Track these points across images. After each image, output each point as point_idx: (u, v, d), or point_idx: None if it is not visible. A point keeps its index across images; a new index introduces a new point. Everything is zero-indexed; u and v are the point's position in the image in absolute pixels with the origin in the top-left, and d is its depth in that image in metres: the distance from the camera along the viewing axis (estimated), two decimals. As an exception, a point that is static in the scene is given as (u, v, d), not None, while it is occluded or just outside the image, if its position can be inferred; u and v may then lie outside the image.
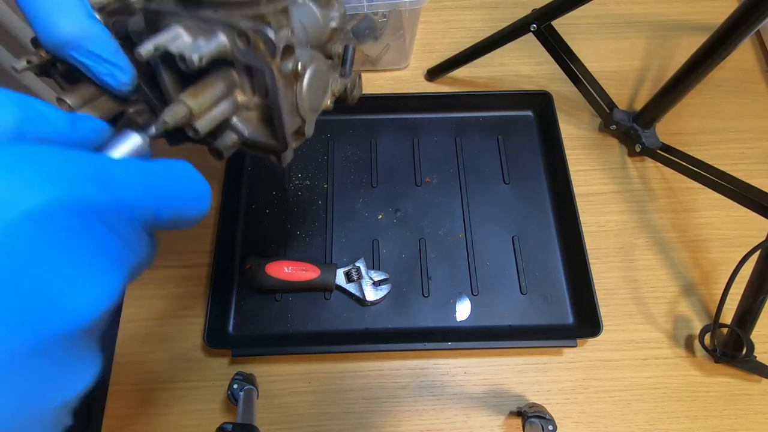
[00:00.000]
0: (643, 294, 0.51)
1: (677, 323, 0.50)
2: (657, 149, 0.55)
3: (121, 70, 0.21)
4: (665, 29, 0.67)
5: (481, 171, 0.57)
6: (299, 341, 0.48)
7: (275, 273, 0.48)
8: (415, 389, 0.47)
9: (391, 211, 0.55)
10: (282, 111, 0.24)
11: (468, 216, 0.54)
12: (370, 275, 0.49)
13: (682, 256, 0.53)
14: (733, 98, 0.62)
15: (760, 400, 0.47)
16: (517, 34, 0.54)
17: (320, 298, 0.50)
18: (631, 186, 0.57)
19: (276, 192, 0.55)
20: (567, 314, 0.50)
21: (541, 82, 0.63)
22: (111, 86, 0.22)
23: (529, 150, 0.58)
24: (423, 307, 0.50)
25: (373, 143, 0.58)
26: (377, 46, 0.61)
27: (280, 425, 0.46)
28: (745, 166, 0.57)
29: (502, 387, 0.48)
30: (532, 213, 0.55)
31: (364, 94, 0.59)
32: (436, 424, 0.46)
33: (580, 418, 0.46)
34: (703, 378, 0.48)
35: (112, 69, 0.21)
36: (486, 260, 0.52)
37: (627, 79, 0.63)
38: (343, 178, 0.56)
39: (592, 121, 0.61)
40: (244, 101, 0.24)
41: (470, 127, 0.59)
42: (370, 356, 0.48)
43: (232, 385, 0.43)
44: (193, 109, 0.22)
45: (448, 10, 0.68)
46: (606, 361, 0.49)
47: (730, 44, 0.44)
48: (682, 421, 0.46)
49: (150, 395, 0.47)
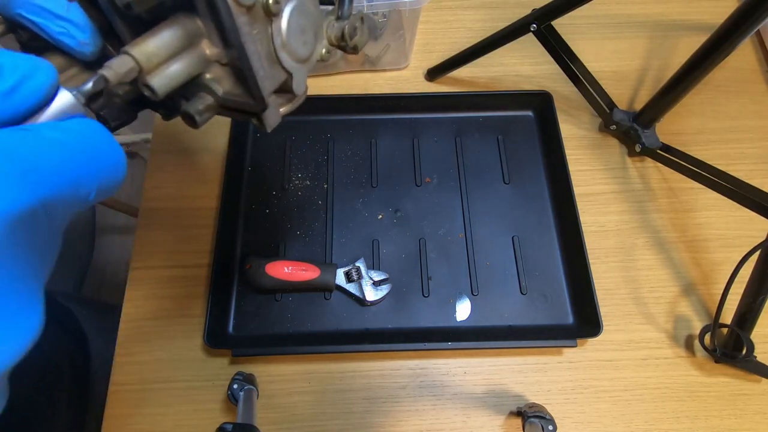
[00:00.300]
0: (643, 294, 0.52)
1: (677, 323, 0.50)
2: (657, 149, 0.55)
3: (77, 27, 0.19)
4: (665, 29, 0.67)
5: (481, 171, 0.57)
6: (299, 341, 0.48)
7: (275, 273, 0.48)
8: (415, 389, 0.47)
9: (391, 211, 0.55)
10: (251, 58, 0.19)
11: (468, 216, 0.54)
12: (370, 275, 0.49)
13: (682, 256, 0.53)
14: (733, 98, 0.62)
15: (760, 400, 0.47)
16: (517, 34, 0.54)
17: (320, 298, 0.50)
18: (631, 186, 0.57)
19: (276, 192, 0.55)
20: (567, 314, 0.50)
21: (541, 82, 0.63)
22: (71, 48, 0.19)
23: (529, 150, 0.58)
24: (423, 307, 0.50)
25: (373, 143, 0.58)
26: (377, 46, 0.61)
27: (280, 425, 0.46)
28: (745, 166, 0.57)
29: (502, 387, 0.48)
30: (532, 213, 0.55)
31: (365, 93, 0.60)
32: (436, 424, 0.46)
33: (580, 418, 0.46)
34: (703, 378, 0.48)
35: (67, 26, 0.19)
36: (486, 260, 0.52)
37: (627, 79, 0.63)
38: (343, 178, 0.56)
39: (592, 121, 0.61)
40: (214, 54, 0.20)
41: (470, 127, 0.59)
42: (370, 356, 0.49)
43: (232, 385, 0.43)
44: (141, 62, 0.18)
45: (448, 10, 0.68)
46: (606, 361, 0.49)
47: (730, 44, 0.44)
48: (682, 421, 0.46)
49: (150, 395, 0.47)
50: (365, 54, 0.61)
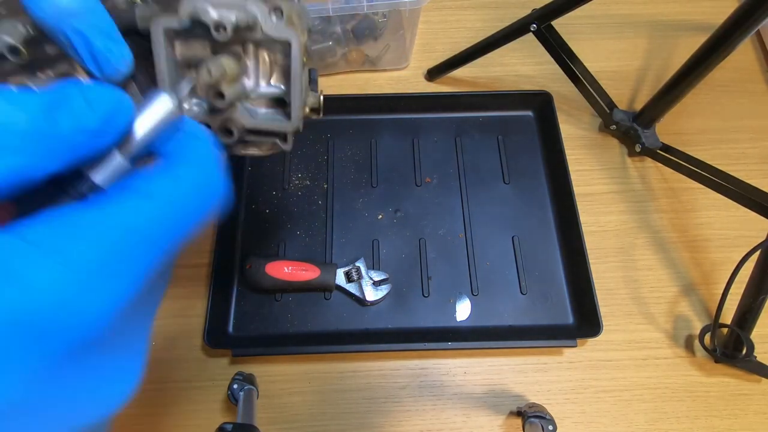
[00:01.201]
0: (643, 294, 0.52)
1: (677, 323, 0.50)
2: (657, 149, 0.55)
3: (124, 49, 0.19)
4: (665, 29, 0.67)
5: (481, 171, 0.57)
6: (299, 341, 0.48)
7: (275, 273, 0.48)
8: (415, 389, 0.47)
9: (391, 211, 0.55)
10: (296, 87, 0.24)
11: (468, 216, 0.54)
12: (370, 275, 0.49)
13: (682, 256, 0.53)
14: (733, 98, 0.62)
15: (760, 400, 0.47)
16: (517, 34, 0.54)
17: (320, 298, 0.50)
18: (631, 186, 0.57)
19: (276, 192, 0.55)
20: (567, 314, 0.50)
21: (541, 82, 0.63)
22: (110, 66, 0.19)
23: (529, 150, 0.58)
24: (423, 307, 0.50)
25: (373, 143, 0.58)
26: (377, 46, 0.61)
27: (280, 425, 0.46)
28: (745, 166, 0.57)
29: (502, 387, 0.48)
30: (532, 213, 0.55)
31: (365, 93, 0.60)
32: (436, 424, 0.46)
33: (580, 418, 0.46)
34: (703, 378, 0.48)
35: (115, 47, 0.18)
36: (486, 260, 0.52)
37: (627, 79, 0.63)
38: (343, 178, 0.56)
39: (592, 121, 0.61)
40: (249, 89, 0.25)
41: (470, 127, 0.59)
42: (370, 356, 0.48)
43: (232, 385, 0.43)
44: (227, 70, 0.22)
45: (448, 10, 0.68)
46: (606, 361, 0.49)
47: (730, 44, 0.44)
48: (682, 421, 0.46)
49: (150, 395, 0.47)
50: (365, 54, 0.61)
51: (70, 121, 0.13)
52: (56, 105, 0.13)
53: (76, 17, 0.17)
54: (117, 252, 0.13)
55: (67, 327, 0.13)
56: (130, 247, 0.14)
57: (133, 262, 0.14)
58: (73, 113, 0.14)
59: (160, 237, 0.15)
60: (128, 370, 0.16)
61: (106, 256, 0.13)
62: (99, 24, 0.18)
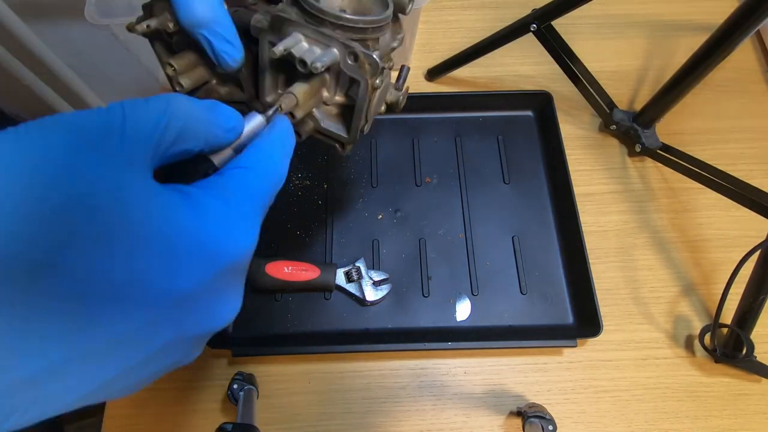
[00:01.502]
0: (643, 294, 0.52)
1: (677, 323, 0.50)
2: (657, 149, 0.55)
3: (236, 51, 0.26)
4: (665, 29, 0.67)
5: (481, 171, 0.57)
6: (299, 341, 0.48)
7: (275, 273, 0.48)
8: (415, 389, 0.47)
9: (391, 211, 0.55)
10: (362, 114, 0.29)
11: (468, 216, 0.54)
12: (370, 275, 0.49)
13: (682, 256, 0.53)
14: (733, 98, 0.62)
15: (760, 400, 0.47)
16: (517, 34, 0.54)
17: (320, 298, 0.50)
18: (631, 186, 0.57)
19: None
20: (567, 314, 0.50)
21: (541, 82, 0.63)
22: (224, 62, 0.26)
23: (529, 150, 0.58)
24: (423, 307, 0.50)
25: (373, 143, 0.58)
26: (377, 46, 0.61)
27: (280, 425, 0.46)
28: (745, 166, 0.57)
29: (502, 387, 0.48)
30: (532, 213, 0.55)
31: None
32: (436, 424, 0.46)
33: (580, 418, 0.46)
34: (703, 378, 0.48)
35: (230, 49, 0.26)
36: (486, 260, 0.52)
37: (627, 79, 0.63)
38: (343, 178, 0.56)
39: (592, 121, 0.61)
40: (326, 97, 0.30)
41: (470, 127, 0.59)
42: (370, 356, 0.49)
43: (232, 385, 0.43)
44: (300, 101, 0.27)
45: (448, 10, 0.68)
46: (606, 361, 0.49)
47: (730, 44, 0.44)
48: (682, 421, 0.46)
49: (150, 395, 0.47)
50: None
51: (224, 123, 0.22)
52: (218, 113, 0.22)
53: (205, 26, 0.25)
54: (260, 204, 0.22)
55: (230, 254, 0.20)
56: (261, 198, 0.22)
57: (262, 208, 0.22)
58: (225, 119, 0.22)
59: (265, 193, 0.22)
60: (238, 298, 0.23)
61: (256, 206, 0.21)
62: (221, 32, 0.25)
